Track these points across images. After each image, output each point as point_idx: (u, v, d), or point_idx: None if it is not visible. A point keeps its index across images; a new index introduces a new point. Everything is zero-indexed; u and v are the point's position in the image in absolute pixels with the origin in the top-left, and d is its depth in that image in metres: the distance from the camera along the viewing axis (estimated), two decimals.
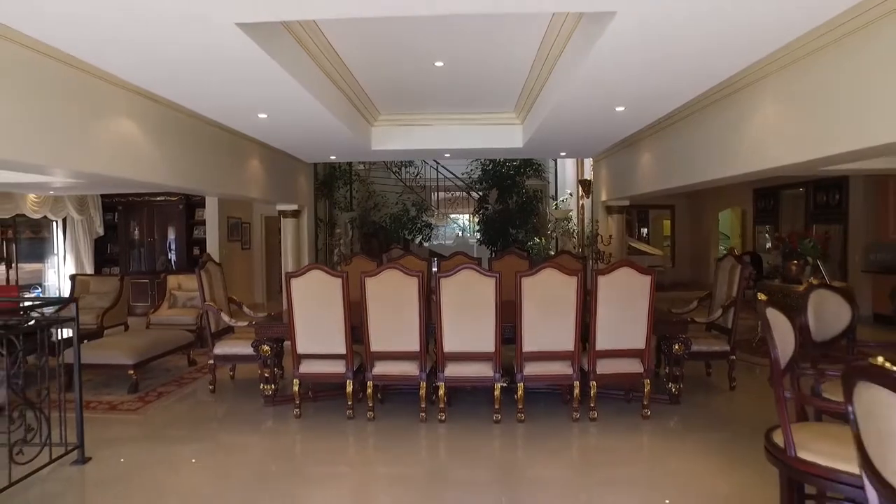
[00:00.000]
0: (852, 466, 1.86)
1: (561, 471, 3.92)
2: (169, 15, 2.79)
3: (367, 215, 12.52)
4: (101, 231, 10.82)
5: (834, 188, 9.66)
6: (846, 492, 2.04)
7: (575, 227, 10.35)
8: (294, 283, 4.63)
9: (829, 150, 3.58)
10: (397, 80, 5.61)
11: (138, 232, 11.13)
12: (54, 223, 10.24)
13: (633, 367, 4.68)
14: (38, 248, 10.41)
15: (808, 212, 10.42)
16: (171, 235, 11.05)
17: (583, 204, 10.02)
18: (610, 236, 8.52)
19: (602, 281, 4.53)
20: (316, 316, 4.67)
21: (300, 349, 4.74)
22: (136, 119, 5.05)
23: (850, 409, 1.62)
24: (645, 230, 16.04)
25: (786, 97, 4.27)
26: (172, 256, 11.03)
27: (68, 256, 10.38)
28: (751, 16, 2.84)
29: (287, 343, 5.04)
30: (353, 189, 12.09)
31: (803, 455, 2.20)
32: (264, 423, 4.92)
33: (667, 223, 15.68)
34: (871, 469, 1.56)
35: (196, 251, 10.93)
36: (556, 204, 11.58)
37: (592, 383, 4.66)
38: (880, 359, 1.43)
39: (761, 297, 2.34)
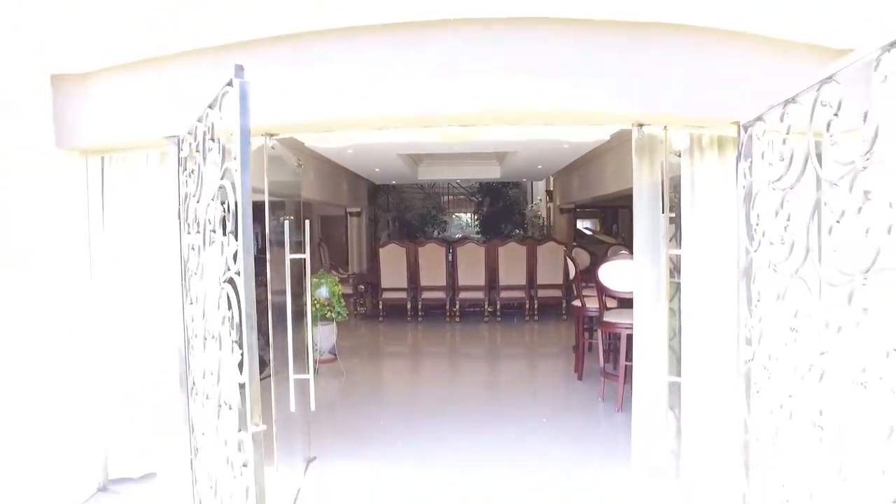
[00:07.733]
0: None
1: (519, 348, 8.15)
2: (382, 153, 7.65)
3: (401, 215, 16.82)
4: None
5: None
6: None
7: (544, 223, 14.71)
8: (381, 250, 8.98)
9: (606, 191, 8.01)
10: (434, 147, 10.08)
11: None
12: None
13: (557, 293, 9.01)
14: None
15: None
16: (256, 228, 15.31)
17: (549, 206, 14.34)
18: (549, 226, 13.02)
19: (539, 248, 8.84)
20: (392, 267, 8.98)
21: (384, 285, 9.06)
22: (311, 170, 9.45)
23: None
24: (615, 226, 20.32)
25: (610, 163, 8.67)
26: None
27: None
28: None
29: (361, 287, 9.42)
30: (390, 196, 16.46)
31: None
32: (359, 329, 9.23)
33: None
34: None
35: None
36: (531, 206, 15.97)
37: (535, 302, 8.99)
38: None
39: (574, 244, 6.59)
